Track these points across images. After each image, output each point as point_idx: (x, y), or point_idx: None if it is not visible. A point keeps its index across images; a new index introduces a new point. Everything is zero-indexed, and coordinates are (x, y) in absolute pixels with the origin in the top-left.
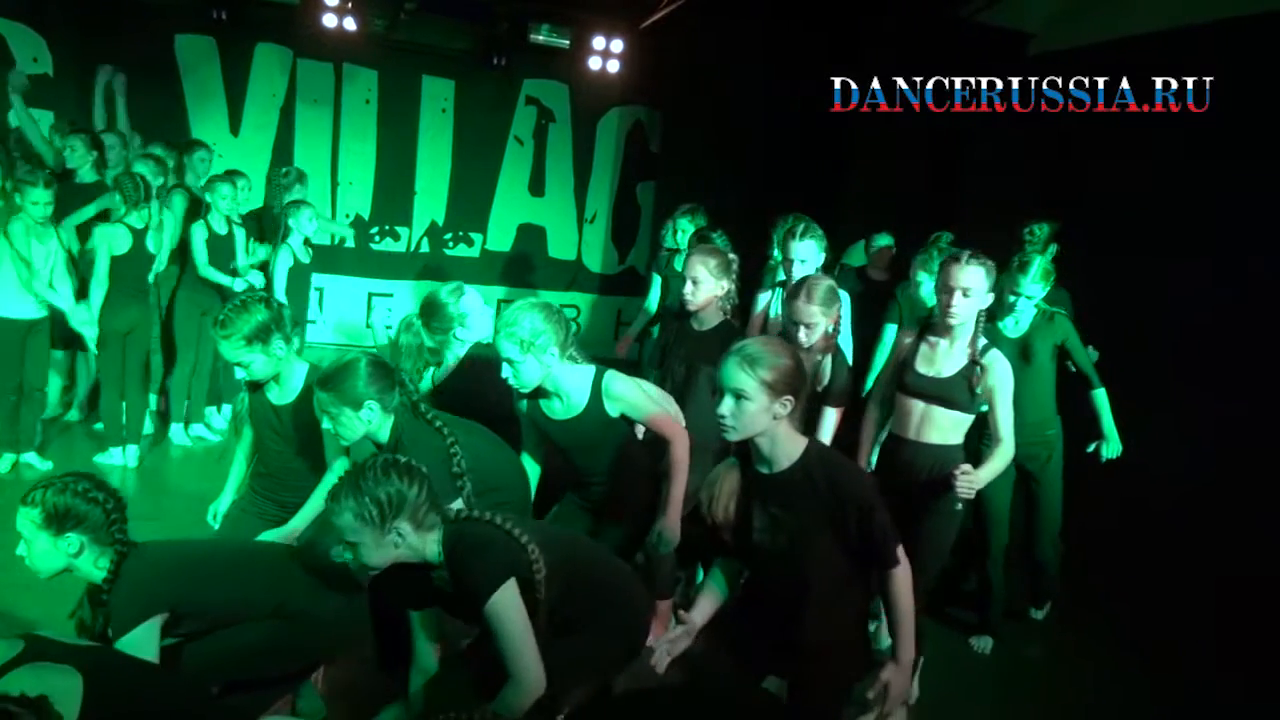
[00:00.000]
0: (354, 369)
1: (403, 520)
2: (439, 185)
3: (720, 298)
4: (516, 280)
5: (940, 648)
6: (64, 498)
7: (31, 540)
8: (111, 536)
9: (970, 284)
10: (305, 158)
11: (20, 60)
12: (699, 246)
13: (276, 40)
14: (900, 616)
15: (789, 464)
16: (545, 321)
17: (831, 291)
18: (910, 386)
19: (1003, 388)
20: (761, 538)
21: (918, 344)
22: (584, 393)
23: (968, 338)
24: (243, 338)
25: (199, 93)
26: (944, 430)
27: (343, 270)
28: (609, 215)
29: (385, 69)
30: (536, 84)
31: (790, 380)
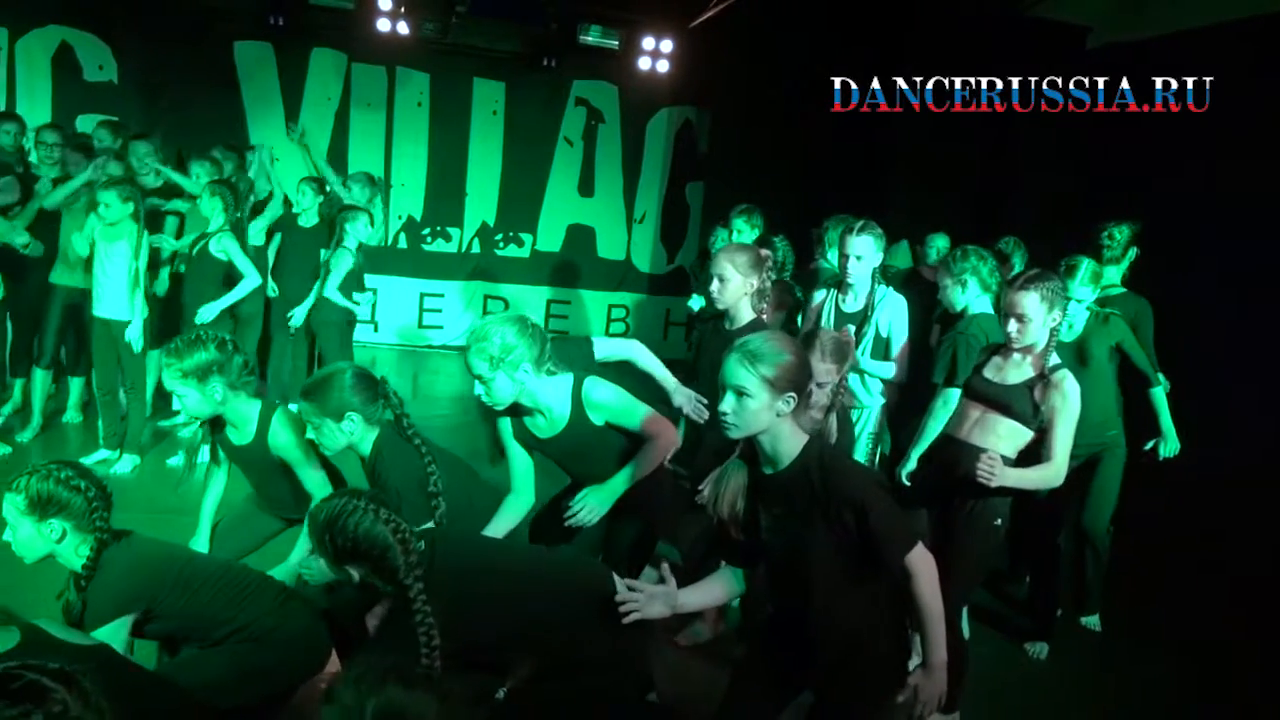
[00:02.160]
0: (337, 380)
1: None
2: (490, 186)
3: (750, 295)
4: (566, 280)
5: (990, 654)
6: (47, 484)
7: (16, 526)
8: (93, 524)
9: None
10: (359, 160)
11: (87, 68)
12: (728, 244)
13: (331, 45)
14: (924, 617)
15: (790, 463)
16: (518, 336)
17: (840, 346)
18: (973, 389)
19: (1067, 409)
20: (767, 538)
21: (990, 357)
22: (565, 404)
23: (1039, 353)
24: (180, 370)
25: (257, 98)
26: (995, 437)
27: (395, 271)
28: (658, 215)
29: (437, 72)
30: (586, 85)
31: (793, 377)
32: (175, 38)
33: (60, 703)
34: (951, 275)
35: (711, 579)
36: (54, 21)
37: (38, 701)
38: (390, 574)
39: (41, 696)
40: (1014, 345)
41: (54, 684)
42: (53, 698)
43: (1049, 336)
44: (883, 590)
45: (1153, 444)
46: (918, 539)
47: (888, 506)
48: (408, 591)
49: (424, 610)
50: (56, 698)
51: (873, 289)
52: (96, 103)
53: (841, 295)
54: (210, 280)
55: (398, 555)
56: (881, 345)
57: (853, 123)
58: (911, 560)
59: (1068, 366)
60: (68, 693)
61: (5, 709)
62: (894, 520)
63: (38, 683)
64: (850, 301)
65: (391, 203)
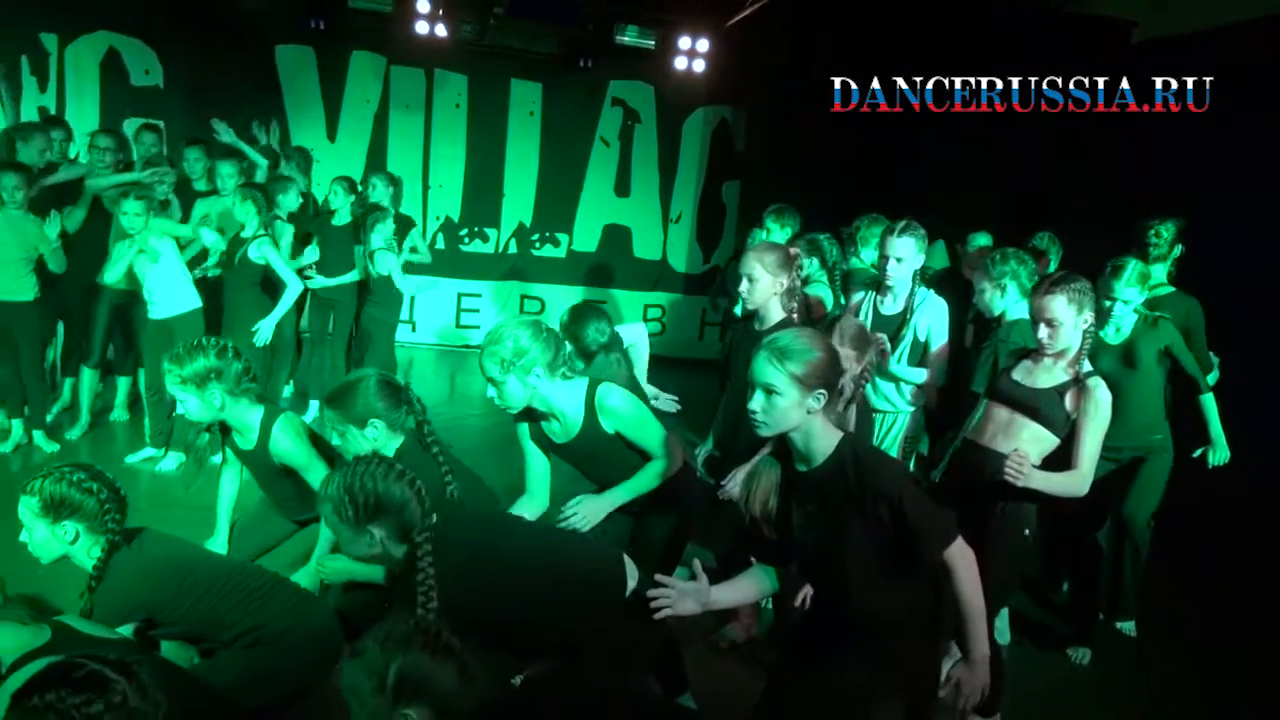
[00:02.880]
0: (361, 386)
1: (377, 525)
2: (526, 187)
3: (780, 294)
4: (601, 280)
5: (1032, 659)
6: (60, 487)
7: (31, 528)
8: (105, 526)
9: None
10: (398, 162)
11: (134, 73)
12: (758, 243)
13: (371, 48)
14: (965, 612)
15: (824, 460)
16: (532, 339)
17: (863, 333)
18: (1000, 391)
19: (1098, 416)
20: (801, 536)
21: (1019, 360)
22: (578, 409)
23: (1072, 357)
24: (180, 376)
25: (298, 101)
26: (1019, 442)
27: (433, 272)
28: (694, 215)
29: (474, 74)
30: (622, 85)
31: (823, 373)
32: (219, 42)
33: (120, 693)
34: (990, 279)
35: (744, 576)
36: (102, 27)
37: (99, 691)
38: (407, 531)
39: (103, 686)
40: (1047, 351)
41: (115, 675)
42: (113, 688)
43: (1082, 340)
44: (919, 585)
45: (1201, 451)
46: (956, 534)
47: (923, 501)
48: (416, 550)
49: (427, 571)
50: (117, 688)
51: (913, 291)
52: (142, 107)
53: (880, 297)
54: (248, 284)
55: (415, 510)
56: (919, 350)
57: (891, 121)
58: (950, 555)
59: (1115, 369)
60: (127, 684)
61: (68, 696)
62: (931, 514)
63: (100, 673)
64: (889, 304)
65: (430, 204)
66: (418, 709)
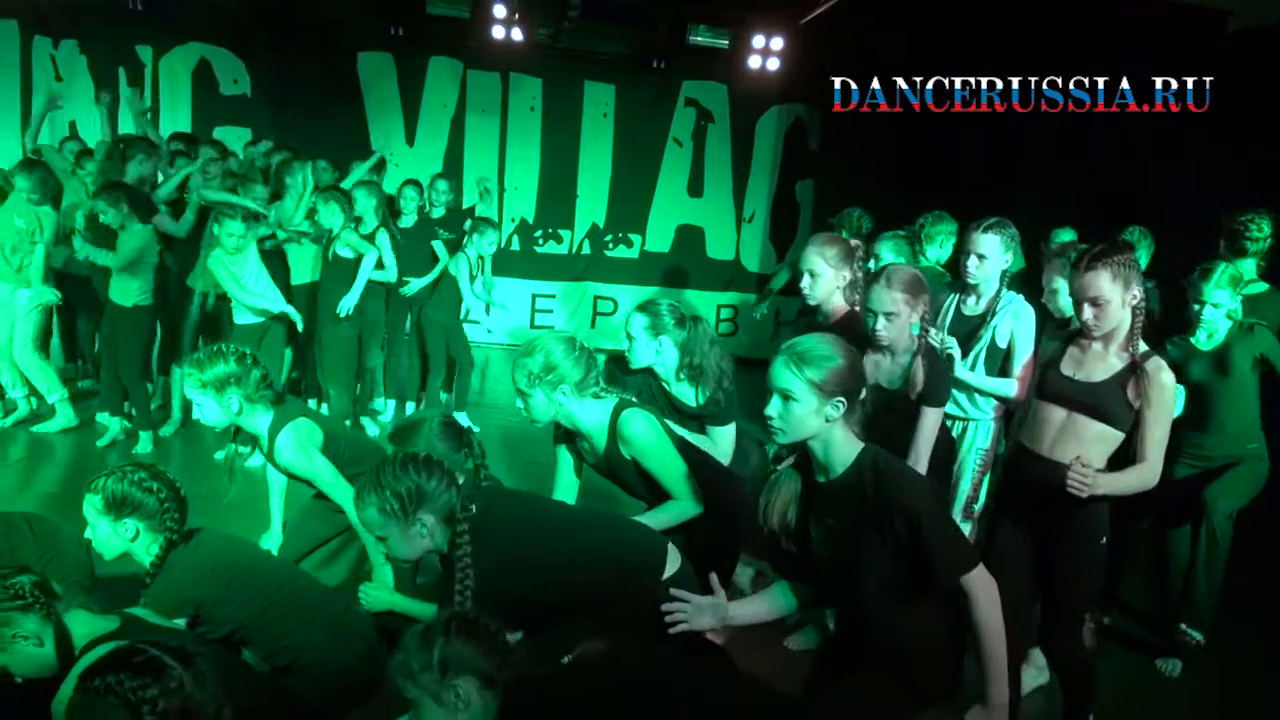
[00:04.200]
0: (424, 427)
1: (425, 511)
2: (600, 188)
3: (843, 288)
4: (674, 281)
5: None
6: (121, 485)
7: (95, 525)
8: (163, 525)
9: (986, 250)
10: (474, 165)
11: (223, 82)
12: (816, 236)
13: (448, 53)
14: (984, 646)
15: (843, 470)
16: (563, 356)
17: (918, 281)
18: (1051, 390)
19: (1162, 401)
20: (819, 549)
21: (1065, 347)
22: (602, 432)
23: (1123, 339)
24: (200, 380)
25: (379, 107)
26: (1083, 445)
27: (508, 272)
28: (767, 214)
29: (549, 76)
30: (695, 85)
31: (842, 381)
32: (303, 51)
33: (176, 680)
34: (1065, 276)
35: (765, 592)
36: (194, 39)
37: (156, 676)
38: (451, 515)
39: (160, 672)
40: (1093, 333)
41: (173, 662)
42: (169, 674)
43: (1132, 319)
44: (938, 609)
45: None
46: (978, 560)
47: (944, 520)
48: (455, 533)
49: (465, 552)
50: (174, 675)
51: (998, 293)
52: (231, 115)
53: (964, 297)
54: (340, 283)
55: (454, 493)
56: (996, 357)
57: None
58: (970, 582)
59: (1207, 376)
60: (184, 671)
61: (127, 679)
62: (950, 535)
63: (159, 659)
64: (973, 304)
65: (505, 206)
66: (464, 681)
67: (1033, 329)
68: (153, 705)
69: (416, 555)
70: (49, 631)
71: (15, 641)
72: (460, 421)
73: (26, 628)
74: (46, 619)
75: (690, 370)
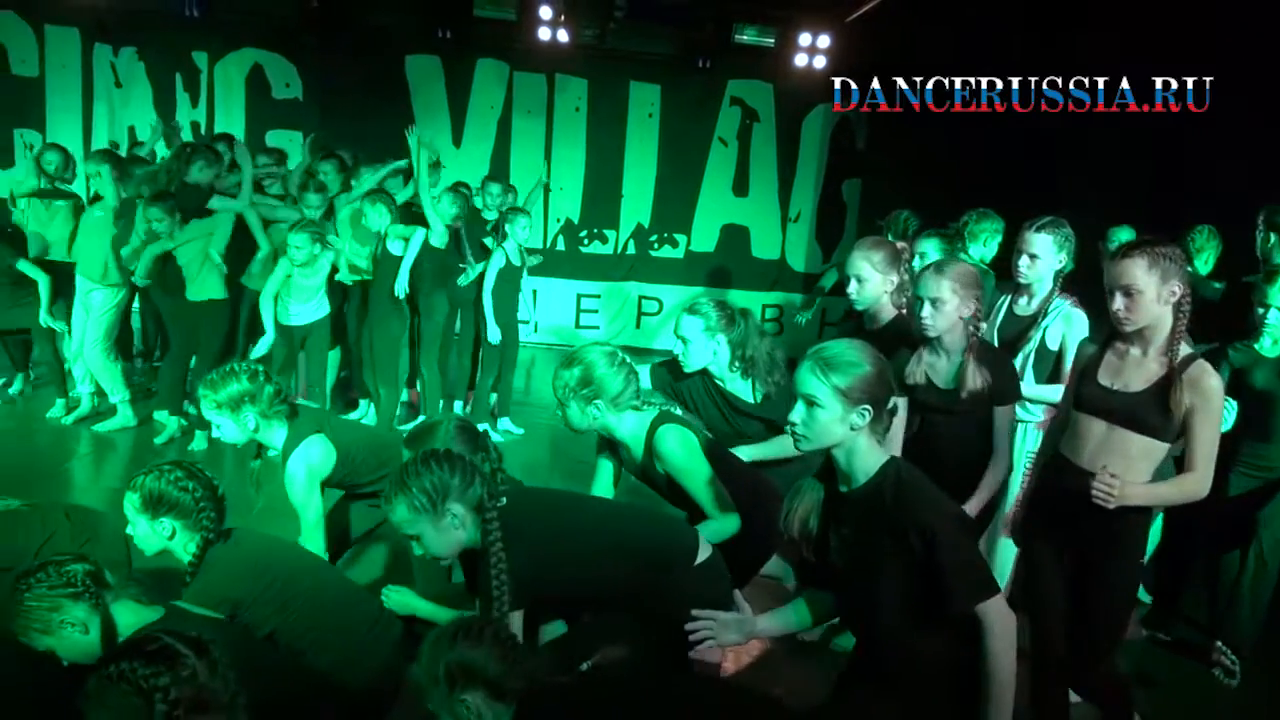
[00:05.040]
0: (438, 430)
1: (453, 502)
2: (645, 188)
3: (891, 292)
4: (719, 281)
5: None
6: (159, 484)
7: (134, 522)
8: (199, 524)
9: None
10: (520, 166)
11: (275, 86)
12: (863, 239)
13: (494, 55)
14: (989, 680)
15: (865, 480)
16: (603, 369)
17: (972, 277)
18: (1088, 401)
19: (1209, 408)
20: (835, 558)
21: (1102, 352)
22: (639, 444)
23: (1163, 342)
24: (215, 401)
25: (426, 109)
26: (1127, 460)
27: (553, 273)
28: (813, 214)
29: (594, 77)
30: (741, 84)
31: (869, 388)
32: (352, 55)
33: (189, 669)
34: None
35: (791, 605)
36: (247, 45)
37: (169, 665)
38: (480, 506)
39: (174, 661)
40: (1124, 327)
41: (187, 650)
42: (183, 663)
43: (1174, 319)
44: (953, 633)
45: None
46: (997, 590)
47: (962, 542)
48: (486, 526)
49: (497, 543)
50: (187, 664)
51: (1051, 293)
52: (283, 118)
53: (1016, 297)
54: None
55: (480, 484)
56: (1048, 360)
57: (1019, 120)
58: (986, 610)
59: (1272, 383)
60: (198, 660)
61: (141, 668)
62: (967, 558)
63: (172, 648)
64: (1024, 305)
65: (550, 206)
66: (472, 693)
67: (1085, 333)
68: (165, 693)
69: (451, 550)
70: (96, 621)
71: (63, 627)
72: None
73: (75, 615)
74: (95, 608)
75: (742, 363)
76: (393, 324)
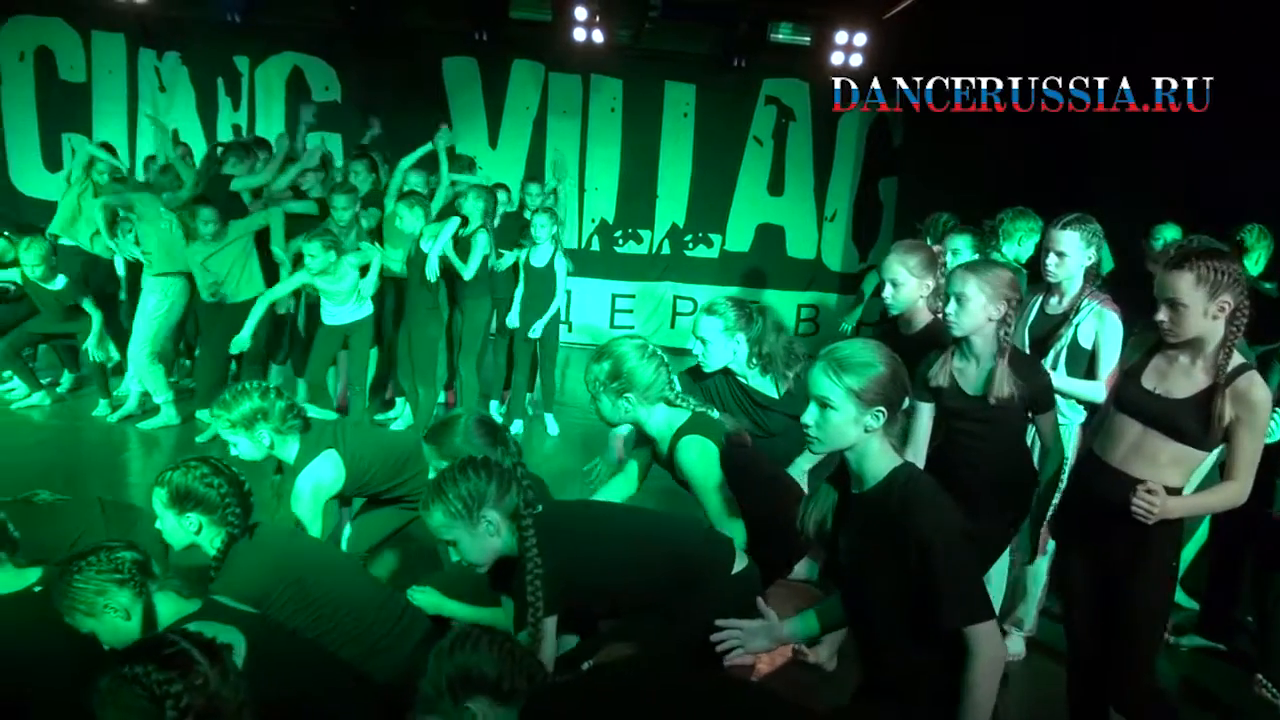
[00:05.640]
0: (456, 425)
1: (489, 508)
2: (680, 188)
3: (927, 296)
4: (754, 281)
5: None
6: (185, 480)
7: (162, 518)
8: (225, 519)
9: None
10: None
11: (314, 89)
12: (899, 243)
13: (530, 56)
14: (964, 709)
15: (875, 483)
16: (633, 362)
17: (1005, 279)
18: (1130, 401)
19: (1255, 420)
20: (843, 559)
21: (1149, 356)
22: (665, 442)
23: (1211, 352)
24: (229, 420)
25: (463, 111)
26: (1158, 465)
27: (588, 273)
28: (849, 213)
29: (629, 77)
30: (776, 83)
31: (883, 390)
32: (390, 57)
33: (202, 675)
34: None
35: (814, 608)
36: (287, 49)
37: (183, 670)
38: (516, 512)
39: (187, 666)
40: (1167, 338)
41: (201, 657)
42: (196, 669)
43: (1224, 330)
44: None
45: None
46: (991, 616)
47: (961, 558)
48: (522, 532)
49: (532, 549)
50: (199, 670)
51: (1081, 291)
52: (323, 121)
53: (1047, 296)
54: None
55: (515, 492)
56: (1081, 358)
57: (1057, 119)
58: (974, 634)
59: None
60: (211, 667)
61: (154, 672)
62: (963, 576)
63: (188, 653)
64: (1056, 304)
65: (585, 206)
66: (476, 702)
67: (1119, 333)
68: (176, 700)
69: (487, 557)
70: (138, 608)
71: (106, 611)
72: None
73: (118, 601)
74: (138, 596)
75: (760, 360)
76: (431, 325)
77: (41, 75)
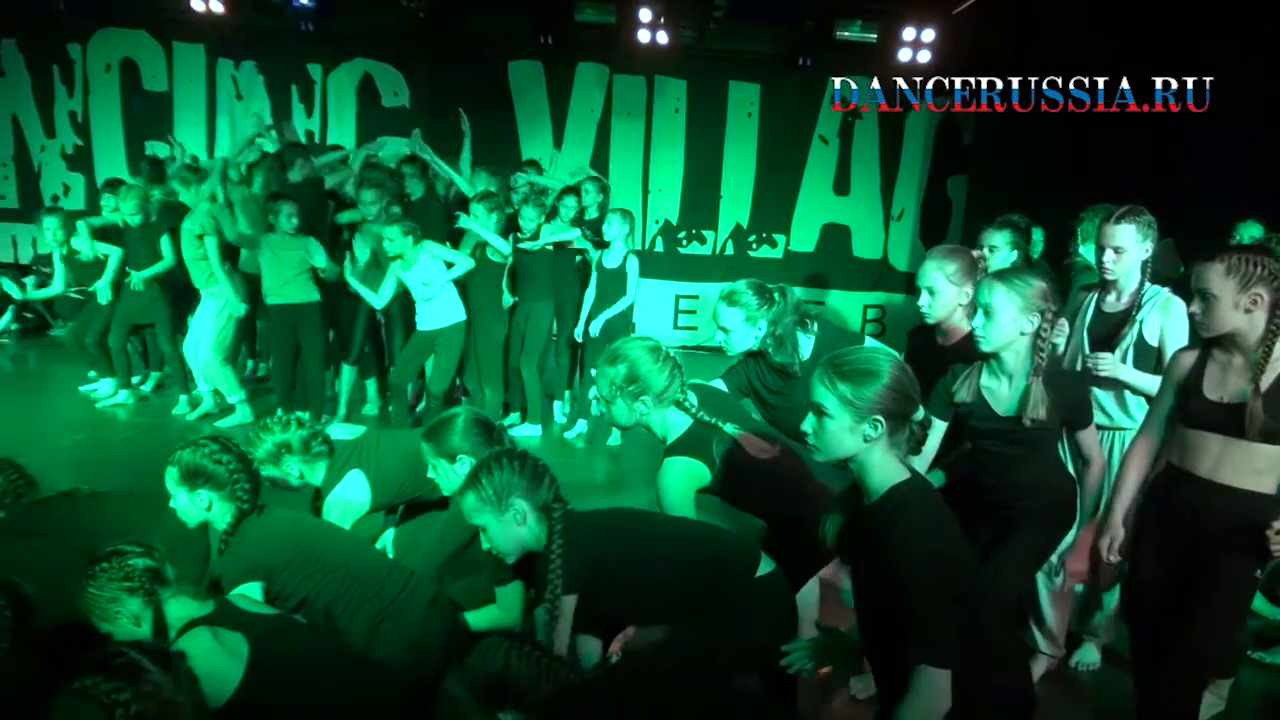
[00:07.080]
0: (452, 423)
1: (518, 497)
2: (744, 188)
3: (965, 306)
4: (819, 281)
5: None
6: (195, 457)
7: (175, 495)
8: (234, 495)
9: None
10: (619, 168)
11: (384, 95)
12: (936, 249)
13: (595, 59)
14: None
15: (877, 497)
16: (649, 364)
17: (1037, 289)
18: (1198, 417)
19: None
20: (853, 574)
21: (1203, 362)
22: (663, 446)
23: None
24: (257, 459)
25: (528, 114)
26: (1249, 471)
27: (652, 274)
28: (917, 212)
29: (693, 78)
30: (842, 81)
31: (881, 400)
32: (457, 61)
33: (151, 684)
34: None
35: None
36: (358, 56)
37: (131, 679)
38: (545, 506)
39: (135, 676)
40: (1201, 332)
41: (151, 665)
42: (145, 678)
43: (1266, 325)
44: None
45: None
46: (949, 663)
47: (935, 594)
48: (551, 525)
49: (557, 542)
50: (149, 679)
51: (1141, 286)
52: (392, 126)
53: (1103, 294)
54: (493, 283)
55: (543, 484)
56: (1149, 356)
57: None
58: (922, 676)
59: None
60: (162, 674)
61: (102, 682)
62: (932, 613)
63: (136, 662)
64: (1113, 301)
65: (649, 207)
66: (506, 714)
67: (1185, 323)
68: (126, 708)
69: (515, 546)
70: (149, 615)
71: (119, 616)
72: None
73: (129, 608)
74: (148, 604)
75: (772, 340)
76: (495, 327)
77: (126, 85)
